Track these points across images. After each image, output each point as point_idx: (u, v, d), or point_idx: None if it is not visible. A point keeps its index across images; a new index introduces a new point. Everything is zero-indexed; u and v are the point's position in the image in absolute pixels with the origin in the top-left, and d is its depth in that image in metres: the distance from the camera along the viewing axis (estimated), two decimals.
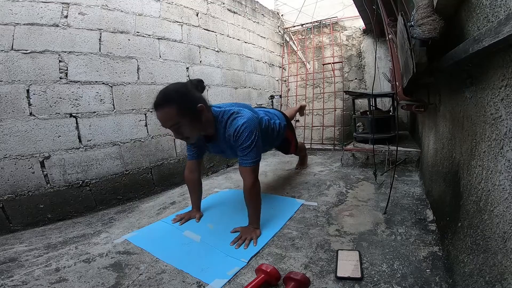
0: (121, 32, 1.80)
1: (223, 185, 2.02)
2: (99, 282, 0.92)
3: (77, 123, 1.59)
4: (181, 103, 1.07)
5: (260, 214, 1.25)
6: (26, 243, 1.24)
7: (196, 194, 1.46)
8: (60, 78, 1.53)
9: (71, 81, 1.56)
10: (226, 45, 2.72)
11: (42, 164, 1.47)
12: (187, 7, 2.28)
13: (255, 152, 1.19)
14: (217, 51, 2.60)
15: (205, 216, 1.43)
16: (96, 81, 1.67)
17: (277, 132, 1.63)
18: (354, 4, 2.52)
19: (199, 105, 1.12)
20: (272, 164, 2.58)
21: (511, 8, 0.52)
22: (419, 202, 1.43)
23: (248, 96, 3.06)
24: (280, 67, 3.80)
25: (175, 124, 1.08)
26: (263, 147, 1.44)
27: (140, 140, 1.91)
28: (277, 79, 3.73)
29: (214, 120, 1.22)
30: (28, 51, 1.42)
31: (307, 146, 3.27)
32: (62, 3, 1.53)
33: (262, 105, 1.86)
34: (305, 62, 3.68)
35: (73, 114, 1.58)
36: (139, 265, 1.03)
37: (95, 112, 1.67)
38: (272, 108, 3.40)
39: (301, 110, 2.41)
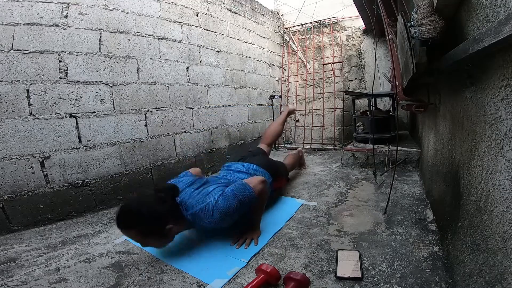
0: (121, 32, 1.80)
1: None
2: (99, 282, 0.92)
3: (77, 123, 1.59)
4: (144, 227, 0.96)
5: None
6: (26, 243, 1.24)
7: None
8: (60, 78, 1.53)
9: (71, 81, 1.56)
10: (226, 45, 2.72)
11: (42, 164, 1.47)
12: (187, 7, 2.28)
13: (247, 201, 1.07)
14: (217, 51, 2.60)
15: None
16: (96, 81, 1.67)
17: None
18: (354, 4, 2.52)
19: (168, 226, 0.99)
20: None
21: (511, 8, 0.52)
22: (419, 202, 1.43)
23: (248, 96, 3.06)
24: (280, 67, 3.80)
25: (140, 242, 1.00)
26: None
27: (140, 140, 1.91)
28: (277, 79, 3.73)
29: (187, 220, 1.08)
30: (28, 51, 1.42)
31: (307, 146, 3.28)
32: (62, 3, 1.53)
33: (249, 160, 1.59)
34: (305, 62, 3.68)
35: (73, 114, 1.58)
36: (139, 265, 1.03)
37: (95, 112, 1.67)
38: (272, 105, 3.40)
39: (290, 115, 2.28)
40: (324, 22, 3.48)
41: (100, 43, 1.69)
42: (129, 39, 1.84)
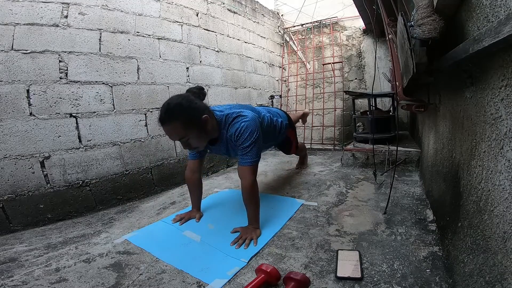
0: (121, 32, 1.80)
1: (223, 185, 2.02)
2: (99, 282, 0.92)
3: (77, 123, 1.59)
4: (185, 117, 1.08)
5: (260, 213, 1.25)
6: (26, 243, 1.24)
7: (197, 194, 1.46)
8: (60, 78, 1.53)
9: (71, 81, 1.56)
10: (226, 45, 2.72)
11: (42, 164, 1.47)
12: (187, 7, 2.28)
13: (254, 152, 1.20)
14: (217, 51, 2.60)
15: (205, 216, 1.43)
16: (96, 81, 1.67)
17: (279, 130, 1.65)
18: (354, 4, 2.52)
19: (204, 116, 1.12)
20: (272, 164, 2.58)
21: (511, 8, 0.52)
22: (419, 202, 1.43)
23: (248, 96, 3.06)
24: (280, 67, 3.80)
25: (183, 137, 1.11)
26: (266, 143, 1.53)
27: (140, 140, 1.91)
28: (277, 79, 3.73)
29: (218, 125, 1.23)
30: (28, 51, 1.42)
31: (307, 146, 3.27)
32: (62, 3, 1.53)
33: (263, 105, 1.90)
34: (305, 62, 3.68)
35: (73, 114, 1.58)
36: (139, 265, 1.03)
37: (95, 112, 1.67)
38: (272, 105, 3.41)
39: (304, 117, 2.39)
40: (324, 22, 3.48)
41: (100, 43, 1.69)
42: (129, 39, 1.84)
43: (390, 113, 2.60)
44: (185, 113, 1.08)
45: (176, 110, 1.08)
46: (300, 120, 2.42)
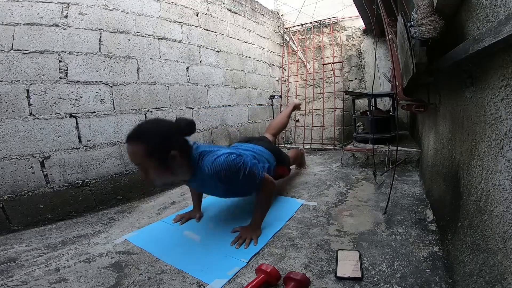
0: (121, 32, 1.80)
1: None
2: (99, 282, 0.92)
3: (77, 123, 1.59)
4: (150, 145, 0.96)
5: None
6: (26, 243, 1.24)
7: (197, 194, 1.46)
8: (60, 78, 1.53)
9: (71, 81, 1.56)
10: (226, 45, 2.72)
11: (42, 164, 1.47)
12: (187, 7, 2.28)
13: (252, 177, 1.12)
14: (217, 51, 2.60)
15: (205, 216, 1.43)
16: (96, 81, 1.67)
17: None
18: (354, 4, 2.52)
19: (173, 152, 0.99)
20: None
21: (511, 8, 0.52)
22: (419, 202, 1.43)
23: (248, 96, 3.06)
24: (280, 67, 3.80)
25: (140, 163, 0.99)
26: (250, 190, 1.24)
27: None
28: (277, 79, 3.73)
29: (193, 164, 1.09)
30: (28, 51, 1.42)
31: (307, 146, 3.28)
32: (62, 3, 1.53)
33: (256, 143, 1.63)
34: (305, 62, 3.68)
35: (73, 114, 1.58)
36: (139, 265, 1.03)
37: (95, 112, 1.67)
38: (272, 105, 3.40)
39: (296, 108, 2.28)
40: (324, 22, 3.48)
41: (100, 43, 1.69)
42: (129, 39, 1.84)
43: (390, 113, 2.60)
44: (152, 140, 0.96)
45: (144, 133, 0.98)
46: (293, 111, 2.25)
